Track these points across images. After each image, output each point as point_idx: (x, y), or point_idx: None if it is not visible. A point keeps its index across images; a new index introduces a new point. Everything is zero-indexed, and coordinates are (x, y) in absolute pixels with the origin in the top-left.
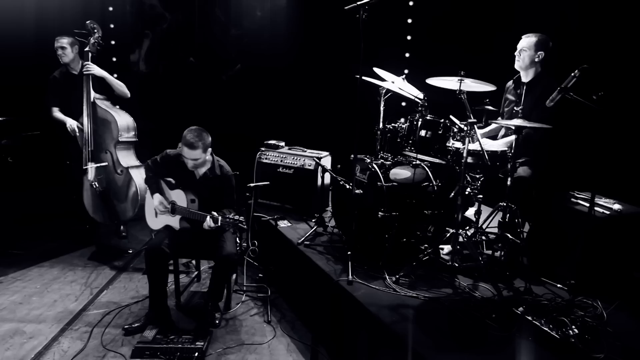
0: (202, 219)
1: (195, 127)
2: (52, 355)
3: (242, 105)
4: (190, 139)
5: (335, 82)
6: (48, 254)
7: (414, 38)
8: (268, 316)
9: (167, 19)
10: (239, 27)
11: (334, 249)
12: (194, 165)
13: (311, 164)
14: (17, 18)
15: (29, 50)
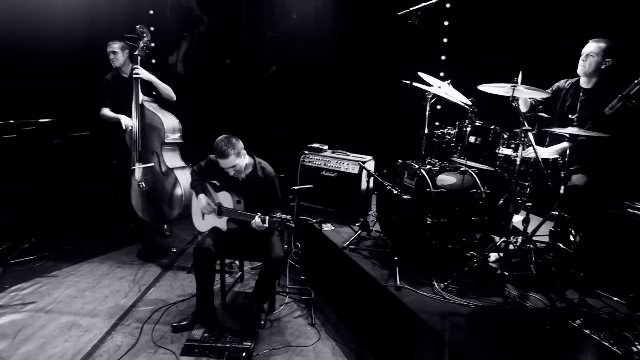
0: (249, 219)
1: (224, 136)
2: (107, 348)
3: (281, 107)
4: (220, 149)
5: (377, 85)
6: (97, 250)
7: (450, 41)
8: (312, 319)
9: (204, 21)
10: (274, 29)
11: (379, 254)
12: (236, 171)
13: (355, 168)
14: (69, 22)
15: (80, 53)
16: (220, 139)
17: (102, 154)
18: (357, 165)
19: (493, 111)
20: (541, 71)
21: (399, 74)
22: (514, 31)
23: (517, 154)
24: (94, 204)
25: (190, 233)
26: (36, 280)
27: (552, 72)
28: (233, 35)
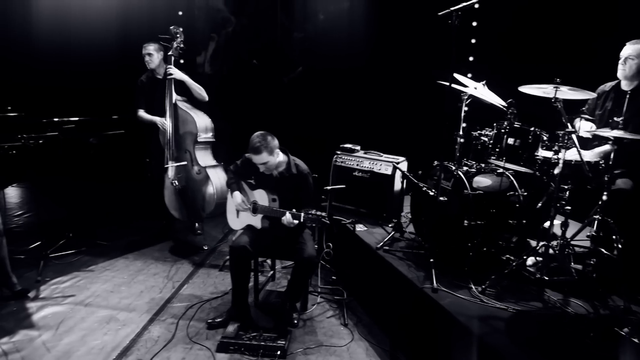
0: (280, 216)
1: (259, 132)
2: (145, 342)
3: (312, 107)
4: (254, 145)
5: (409, 85)
6: (131, 246)
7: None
8: (344, 319)
9: (232, 22)
10: (301, 30)
11: (414, 255)
12: (266, 168)
13: (388, 169)
14: (103, 25)
15: (115, 54)
16: (255, 135)
17: (135, 152)
18: (390, 166)
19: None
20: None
21: (433, 74)
22: (545, 32)
23: (559, 156)
24: (127, 201)
25: (220, 231)
26: (74, 274)
27: (588, 74)
28: (260, 36)
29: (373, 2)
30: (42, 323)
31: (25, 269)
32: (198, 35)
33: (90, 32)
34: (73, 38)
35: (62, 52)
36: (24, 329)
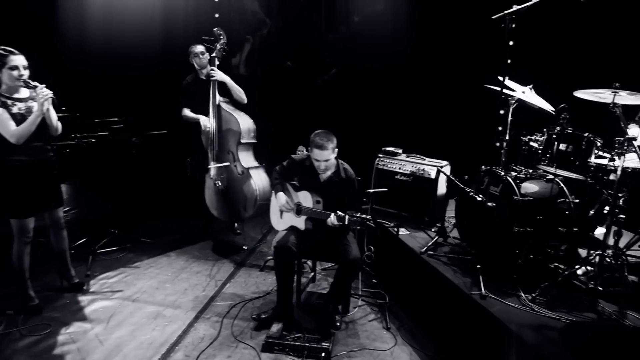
0: (324, 217)
1: (322, 130)
2: (191, 339)
3: (346, 110)
4: (319, 141)
5: (449, 89)
6: (173, 244)
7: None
8: (387, 323)
9: (267, 24)
10: (336, 32)
11: (459, 261)
12: (325, 166)
13: (431, 173)
14: (147, 27)
15: (158, 56)
16: (320, 132)
17: (176, 151)
18: (433, 169)
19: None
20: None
21: (481, 78)
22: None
23: (616, 163)
24: (167, 199)
25: (259, 232)
26: (121, 270)
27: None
28: (294, 38)
29: (409, 3)
30: (93, 316)
31: (75, 263)
32: (233, 37)
33: (134, 36)
34: (118, 42)
35: (109, 54)
36: (78, 321)
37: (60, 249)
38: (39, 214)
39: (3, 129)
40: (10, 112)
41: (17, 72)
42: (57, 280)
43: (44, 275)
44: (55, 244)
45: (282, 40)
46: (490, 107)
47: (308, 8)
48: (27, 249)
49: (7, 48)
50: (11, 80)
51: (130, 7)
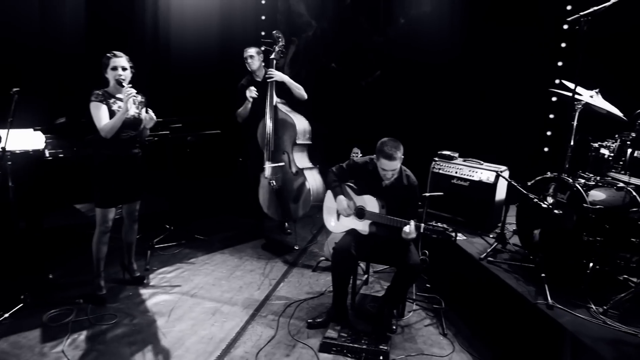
0: (398, 225)
1: (390, 138)
2: (249, 337)
3: (392, 112)
4: (388, 151)
5: (506, 92)
6: (226, 242)
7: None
8: (443, 329)
9: (313, 26)
10: (381, 34)
11: (521, 269)
12: (392, 175)
13: (490, 178)
14: (204, 31)
15: (214, 59)
16: (388, 140)
17: (228, 151)
18: (491, 174)
19: None
20: None
21: (538, 81)
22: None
23: None
24: (219, 197)
25: (309, 232)
26: (177, 265)
27: None
28: (339, 40)
29: (459, 4)
30: (155, 309)
31: (134, 257)
32: None
33: (191, 41)
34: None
35: (171, 57)
36: (141, 314)
37: (129, 241)
38: (120, 206)
39: (97, 121)
40: (110, 109)
41: (116, 73)
42: (119, 272)
43: (107, 267)
44: (125, 235)
45: (327, 42)
46: (545, 111)
47: (354, 10)
48: (104, 238)
49: (114, 51)
50: (113, 80)
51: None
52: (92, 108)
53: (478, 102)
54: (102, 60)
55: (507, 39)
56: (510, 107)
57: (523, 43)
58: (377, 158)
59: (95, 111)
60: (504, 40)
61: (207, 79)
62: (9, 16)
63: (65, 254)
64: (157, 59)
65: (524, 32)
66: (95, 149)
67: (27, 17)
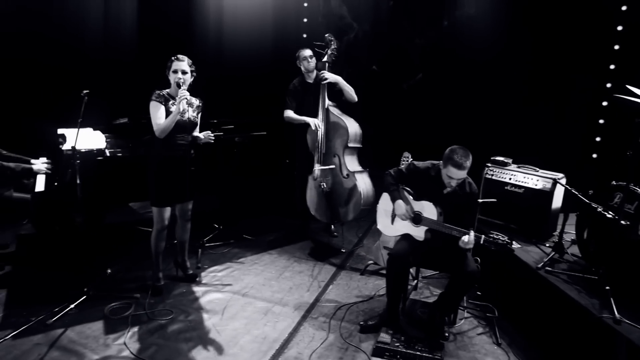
0: (455, 234)
1: (460, 147)
2: (302, 338)
3: (436, 115)
4: (458, 160)
5: (559, 97)
6: (274, 242)
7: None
8: (497, 338)
9: (354, 28)
10: (423, 37)
11: (582, 280)
12: (456, 183)
13: (546, 185)
14: (258, 35)
15: (266, 63)
16: (458, 148)
17: (275, 152)
18: (548, 182)
19: None
20: None
21: (593, 86)
22: None
23: None
24: (265, 198)
25: (354, 235)
26: (227, 264)
27: None
28: (381, 43)
29: (505, 6)
30: (209, 307)
31: None
32: (320, 41)
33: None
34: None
35: (224, 61)
36: (196, 311)
37: (182, 240)
38: (174, 205)
39: (153, 120)
40: (167, 110)
41: (176, 76)
42: (173, 269)
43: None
44: (179, 234)
45: (368, 44)
46: (594, 116)
47: (396, 12)
48: (162, 235)
49: (178, 55)
50: (173, 82)
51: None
52: (151, 107)
53: (524, 106)
54: (167, 62)
55: (557, 42)
56: (557, 111)
57: (573, 46)
58: (444, 165)
59: (153, 110)
60: (553, 43)
61: (254, 81)
62: (76, 29)
63: (121, 250)
64: (211, 62)
65: (575, 34)
66: (151, 150)
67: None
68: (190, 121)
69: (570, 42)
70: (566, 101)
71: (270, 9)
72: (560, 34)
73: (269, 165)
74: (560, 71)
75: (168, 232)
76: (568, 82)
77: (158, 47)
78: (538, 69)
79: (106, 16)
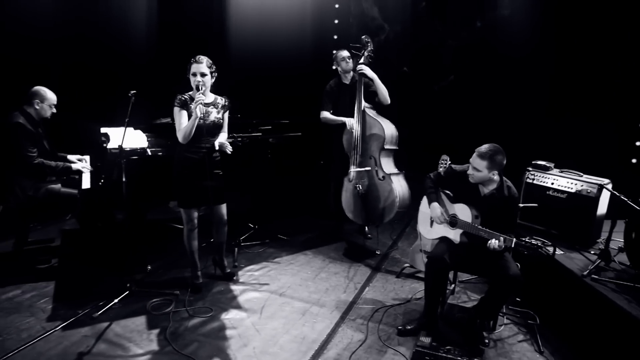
0: (487, 237)
1: (494, 144)
2: (340, 339)
3: (469, 118)
4: (480, 148)
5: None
6: (308, 243)
7: None
8: (539, 346)
9: (385, 29)
10: (456, 38)
11: (633, 289)
12: (477, 178)
13: (591, 191)
14: (298, 39)
15: (305, 66)
16: (489, 144)
17: (308, 153)
18: (593, 187)
19: None
20: None
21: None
22: None
23: None
24: (299, 198)
25: (388, 237)
26: (263, 264)
27: None
28: (412, 44)
29: (542, 6)
30: (247, 306)
31: None
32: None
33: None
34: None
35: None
36: (234, 309)
37: (218, 241)
38: (200, 207)
39: (176, 126)
40: (189, 113)
41: (195, 79)
42: (211, 268)
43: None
44: (215, 236)
45: (399, 45)
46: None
47: (428, 13)
48: (192, 234)
49: (196, 57)
50: (194, 85)
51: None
52: (174, 112)
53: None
54: (187, 65)
55: (596, 43)
56: (594, 115)
57: (613, 48)
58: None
59: (175, 116)
60: (592, 44)
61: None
62: (119, 33)
63: (160, 247)
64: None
65: (616, 35)
66: (176, 151)
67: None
68: (215, 123)
69: (610, 44)
70: (605, 104)
71: (302, 11)
72: (599, 35)
73: (303, 165)
74: (597, 74)
75: (205, 231)
76: (605, 84)
77: (194, 48)
78: (573, 71)
79: (149, 19)
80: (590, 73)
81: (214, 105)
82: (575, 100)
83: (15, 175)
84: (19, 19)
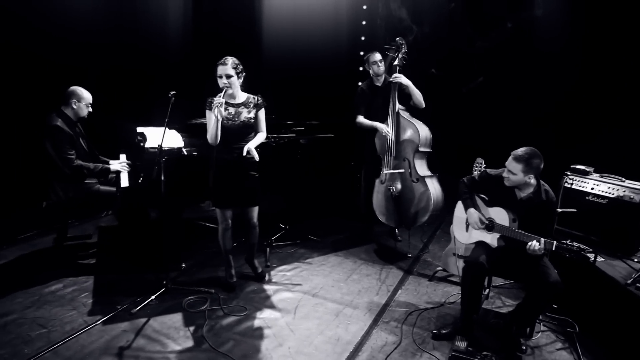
0: (526, 240)
1: (529, 147)
2: (375, 341)
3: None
4: (516, 152)
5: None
6: (338, 244)
7: None
8: (579, 355)
9: (413, 31)
10: (486, 39)
11: None
12: (513, 182)
13: (635, 197)
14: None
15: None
16: (526, 147)
17: (340, 154)
18: (637, 193)
19: None
20: None
21: None
22: None
23: None
24: (329, 200)
25: (419, 240)
26: (295, 264)
27: None
28: (441, 45)
29: (577, 7)
30: (281, 306)
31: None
32: (379, 44)
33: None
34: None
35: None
36: (268, 309)
37: (250, 242)
38: (234, 208)
39: (207, 126)
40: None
41: (221, 81)
42: (244, 267)
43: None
44: (247, 236)
45: (427, 47)
46: None
47: (457, 14)
48: (227, 234)
49: (222, 59)
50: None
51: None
52: (206, 114)
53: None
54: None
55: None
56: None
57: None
58: None
59: (207, 118)
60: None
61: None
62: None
63: (195, 246)
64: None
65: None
66: (210, 152)
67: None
68: (244, 123)
69: None
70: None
71: (335, 14)
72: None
73: (333, 167)
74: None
75: (238, 230)
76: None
77: (230, 50)
78: (613, 71)
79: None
80: (634, 74)
81: (244, 105)
82: (615, 103)
83: (54, 179)
84: (63, 26)
